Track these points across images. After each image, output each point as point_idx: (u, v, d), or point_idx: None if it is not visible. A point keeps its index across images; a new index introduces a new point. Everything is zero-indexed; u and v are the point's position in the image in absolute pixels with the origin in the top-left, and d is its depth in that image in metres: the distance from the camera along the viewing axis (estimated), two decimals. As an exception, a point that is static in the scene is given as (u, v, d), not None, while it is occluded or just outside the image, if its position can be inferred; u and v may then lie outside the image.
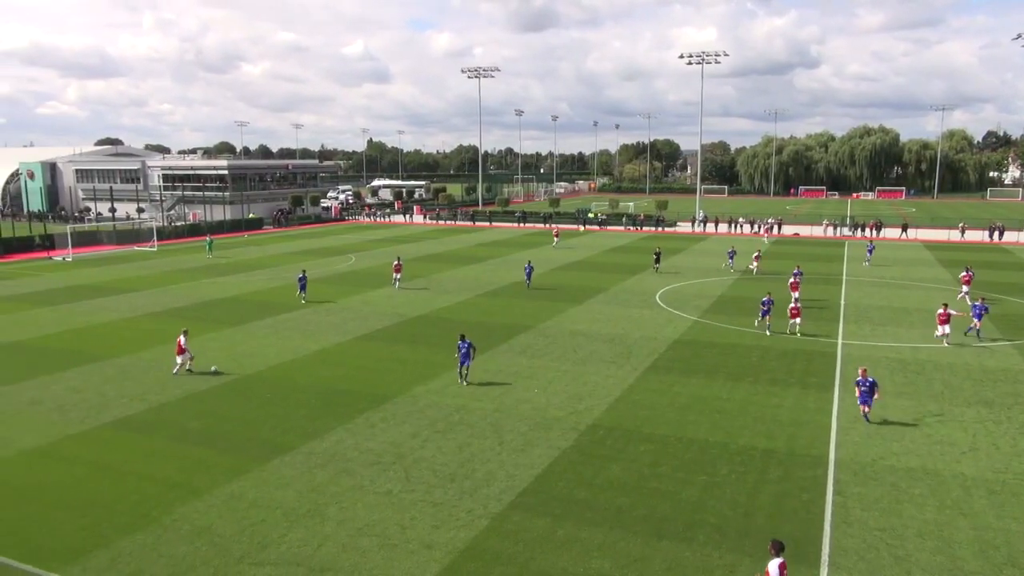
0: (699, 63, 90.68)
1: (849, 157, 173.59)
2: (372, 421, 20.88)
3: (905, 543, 14.17)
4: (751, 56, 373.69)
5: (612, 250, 63.46)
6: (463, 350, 23.94)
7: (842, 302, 38.64)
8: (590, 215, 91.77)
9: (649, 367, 26.29)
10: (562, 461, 18.07)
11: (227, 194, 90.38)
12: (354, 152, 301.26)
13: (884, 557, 13.68)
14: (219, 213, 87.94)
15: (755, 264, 48.68)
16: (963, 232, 74.38)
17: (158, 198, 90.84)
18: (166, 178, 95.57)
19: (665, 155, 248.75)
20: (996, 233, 72.22)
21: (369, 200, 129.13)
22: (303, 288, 38.66)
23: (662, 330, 31.99)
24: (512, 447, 18.94)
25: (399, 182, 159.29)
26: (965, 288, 38.36)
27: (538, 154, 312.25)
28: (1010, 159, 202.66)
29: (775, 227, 79.14)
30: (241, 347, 29.31)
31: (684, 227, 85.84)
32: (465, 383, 23.83)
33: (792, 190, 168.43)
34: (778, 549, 11.43)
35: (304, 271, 40.21)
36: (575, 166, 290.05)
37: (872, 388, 20.41)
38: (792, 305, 31.56)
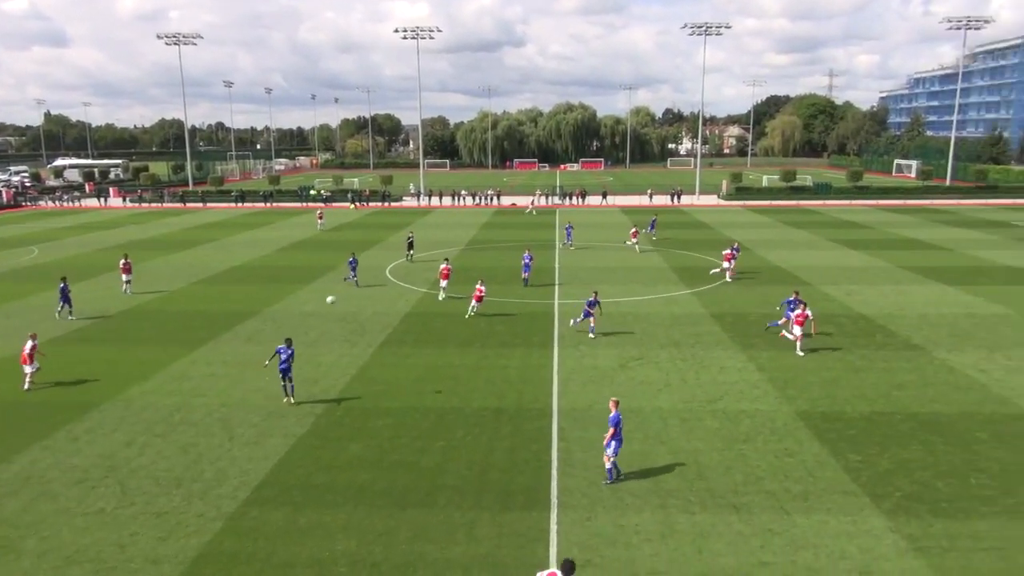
0: (414, 38, 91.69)
1: (556, 131, 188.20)
2: (76, 433, 18.42)
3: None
4: (463, 33, 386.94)
5: (340, 227, 62.30)
6: (283, 357, 19.83)
7: (556, 266, 42.04)
8: (312, 192, 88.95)
9: (383, 342, 26.40)
10: (299, 448, 17.53)
11: None
12: (28, 127, 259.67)
13: (603, 490, 15.32)
14: None
15: (634, 240, 46.27)
16: (651, 197, 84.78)
17: None
18: None
19: (387, 130, 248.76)
20: (676, 197, 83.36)
21: (52, 182, 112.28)
22: (67, 301, 29.85)
23: (394, 304, 32.26)
24: (244, 441, 17.94)
25: (90, 161, 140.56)
26: (725, 264, 37.82)
27: (253, 129, 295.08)
28: (684, 132, 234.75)
29: (496, 198, 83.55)
30: None
31: (410, 202, 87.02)
32: (292, 400, 20.19)
33: (508, 163, 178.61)
34: (567, 571, 9.90)
35: (65, 279, 30.71)
36: (295, 141, 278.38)
37: (617, 426, 15.44)
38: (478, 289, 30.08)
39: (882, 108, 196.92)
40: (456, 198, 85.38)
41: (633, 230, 47.76)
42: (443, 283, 32.84)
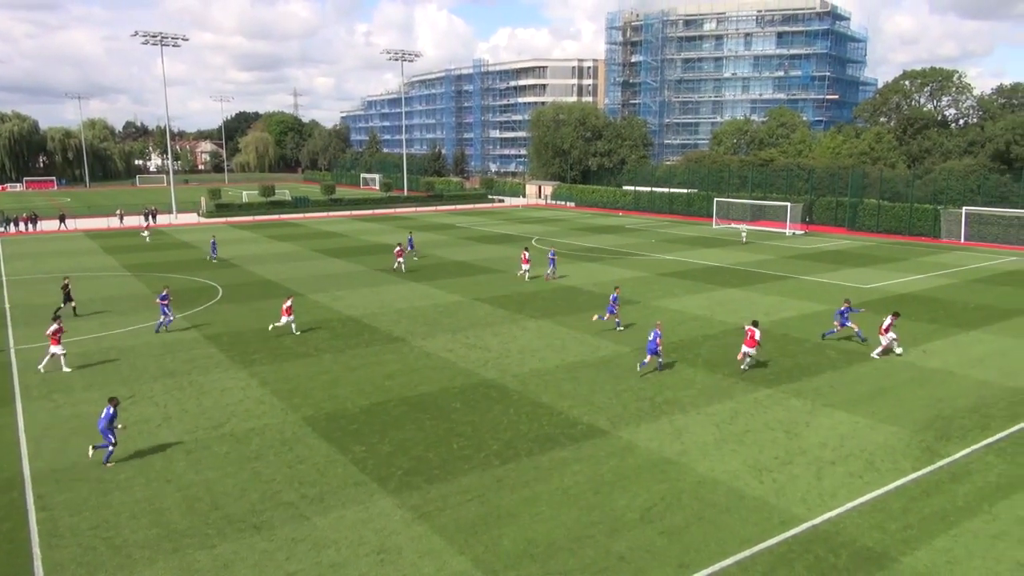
0: None
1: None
2: None
3: (121, 530, 14.24)
4: None
5: None
6: None
7: (7, 306, 35.15)
8: None
9: None
10: None
11: None
12: None
13: (103, 553, 13.46)
14: None
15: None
16: (122, 218, 76.96)
17: None
18: None
19: None
20: (151, 217, 77.24)
21: None
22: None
23: None
24: None
25: None
26: (400, 260, 39.17)
27: None
28: (151, 148, 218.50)
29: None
30: None
31: None
32: None
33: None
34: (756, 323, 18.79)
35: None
36: None
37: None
38: None
39: (344, 127, 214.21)
40: None
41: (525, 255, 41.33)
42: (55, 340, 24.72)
